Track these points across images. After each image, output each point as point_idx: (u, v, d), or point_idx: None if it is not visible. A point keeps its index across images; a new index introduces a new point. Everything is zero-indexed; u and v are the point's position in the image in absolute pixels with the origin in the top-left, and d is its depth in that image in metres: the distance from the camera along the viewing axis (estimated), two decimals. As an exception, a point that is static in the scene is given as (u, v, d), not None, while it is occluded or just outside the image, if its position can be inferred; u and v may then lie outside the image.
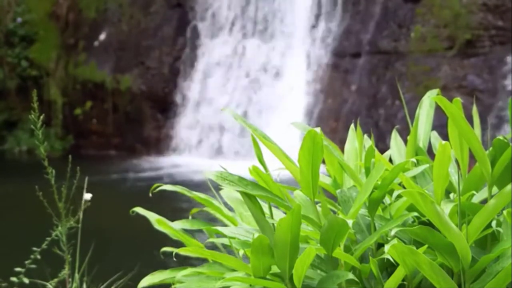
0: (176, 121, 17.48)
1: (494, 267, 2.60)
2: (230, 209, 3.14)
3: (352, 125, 3.21)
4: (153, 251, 3.88)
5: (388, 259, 2.66)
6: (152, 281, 2.96)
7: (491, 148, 2.80)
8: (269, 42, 17.06)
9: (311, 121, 15.77)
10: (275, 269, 2.69)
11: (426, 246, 2.60)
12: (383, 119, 15.12)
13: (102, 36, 18.40)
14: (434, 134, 3.22)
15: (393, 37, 15.60)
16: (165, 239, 3.19)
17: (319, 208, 2.83)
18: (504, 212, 2.67)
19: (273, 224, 2.74)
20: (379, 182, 2.74)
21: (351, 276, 2.62)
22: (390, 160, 3.11)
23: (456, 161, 2.91)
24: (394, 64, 15.42)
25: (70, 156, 4.26)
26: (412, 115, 3.21)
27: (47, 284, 4.34)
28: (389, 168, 2.79)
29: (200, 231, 3.10)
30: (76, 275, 4.21)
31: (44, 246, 4.32)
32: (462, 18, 15.01)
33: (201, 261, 2.97)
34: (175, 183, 3.16)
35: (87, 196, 4.21)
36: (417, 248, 2.55)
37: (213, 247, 2.99)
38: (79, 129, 18.22)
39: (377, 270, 2.65)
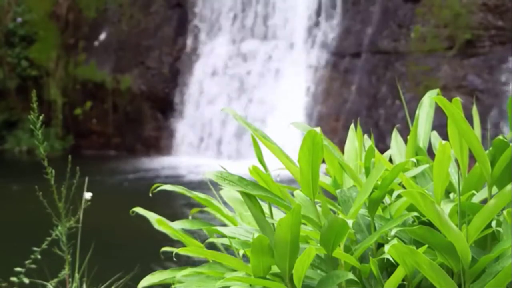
0: (176, 121, 17.48)
1: (494, 267, 2.60)
2: (230, 209, 3.14)
3: (352, 125, 3.21)
4: (153, 251, 3.87)
5: (388, 259, 2.65)
6: (152, 281, 2.96)
7: (491, 148, 2.79)
8: (269, 42, 17.06)
9: (311, 121, 15.77)
10: (275, 269, 2.69)
11: (426, 246, 2.60)
12: (383, 119, 15.12)
13: (102, 36, 18.39)
14: (434, 134, 3.22)
15: (393, 37, 15.60)
16: (165, 239, 3.19)
17: (319, 208, 2.83)
18: (504, 212, 2.66)
19: (273, 224, 2.74)
20: (379, 182, 2.74)
21: (351, 276, 2.62)
22: (390, 160, 3.11)
23: (456, 161, 2.91)
24: (394, 64, 15.42)
25: (70, 156, 4.26)
26: (412, 115, 3.21)
27: (47, 284, 4.34)
28: (389, 168, 2.78)
29: (200, 231, 3.10)
30: (76, 275, 4.21)
31: (44, 246, 4.32)
32: (462, 18, 15.01)
33: (201, 261, 2.97)
34: (175, 183, 3.16)
35: (87, 195, 4.20)
36: (417, 248, 2.54)
37: (213, 247, 2.99)
38: (79, 129, 18.22)
39: (377, 270, 2.65)
